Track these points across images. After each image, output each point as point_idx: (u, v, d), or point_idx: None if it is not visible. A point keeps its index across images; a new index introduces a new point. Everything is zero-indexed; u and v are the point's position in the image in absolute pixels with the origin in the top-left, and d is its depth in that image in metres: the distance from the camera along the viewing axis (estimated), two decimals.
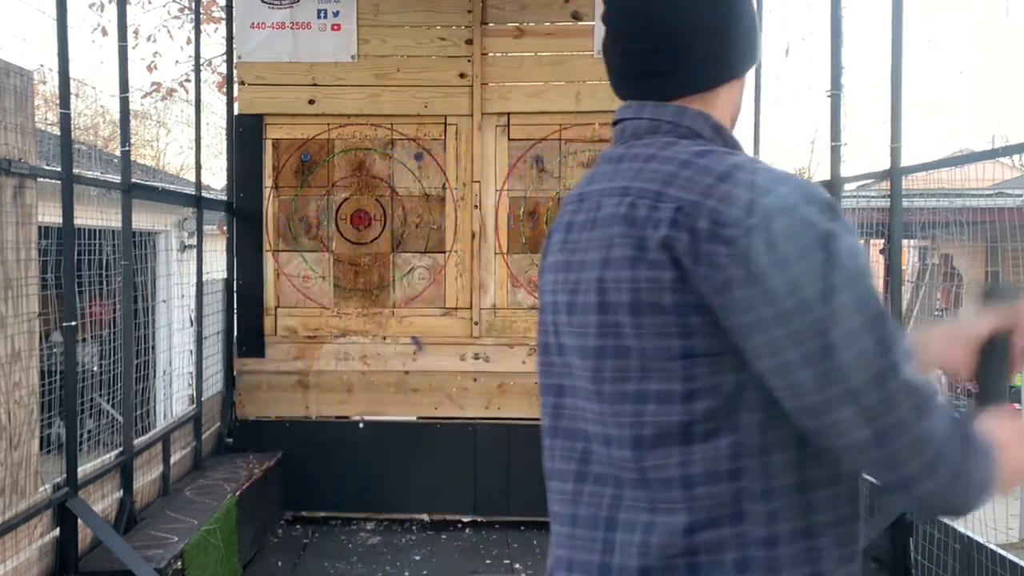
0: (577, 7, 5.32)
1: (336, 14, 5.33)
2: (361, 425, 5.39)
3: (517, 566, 4.66)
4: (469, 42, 5.33)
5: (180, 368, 7.21)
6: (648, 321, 1.10)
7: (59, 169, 3.46)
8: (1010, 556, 2.77)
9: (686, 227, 1.08)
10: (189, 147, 22.00)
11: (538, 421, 1.33)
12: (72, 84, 3.51)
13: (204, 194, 5.12)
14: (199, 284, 4.96)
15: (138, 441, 4.11)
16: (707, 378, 1.09)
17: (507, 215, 5.39)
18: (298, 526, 5.27)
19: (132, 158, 4.22)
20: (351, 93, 5.36)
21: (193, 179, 5.20)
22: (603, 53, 1.35)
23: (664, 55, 1.24)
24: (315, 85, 5.36)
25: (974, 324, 1.29)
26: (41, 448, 3.34)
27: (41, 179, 3.36)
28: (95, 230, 4.62)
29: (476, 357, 5.37)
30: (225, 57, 5.80)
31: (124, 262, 3.97)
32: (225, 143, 5.62)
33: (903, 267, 5.69)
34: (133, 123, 5.78)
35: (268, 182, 5.41)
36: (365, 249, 5.42)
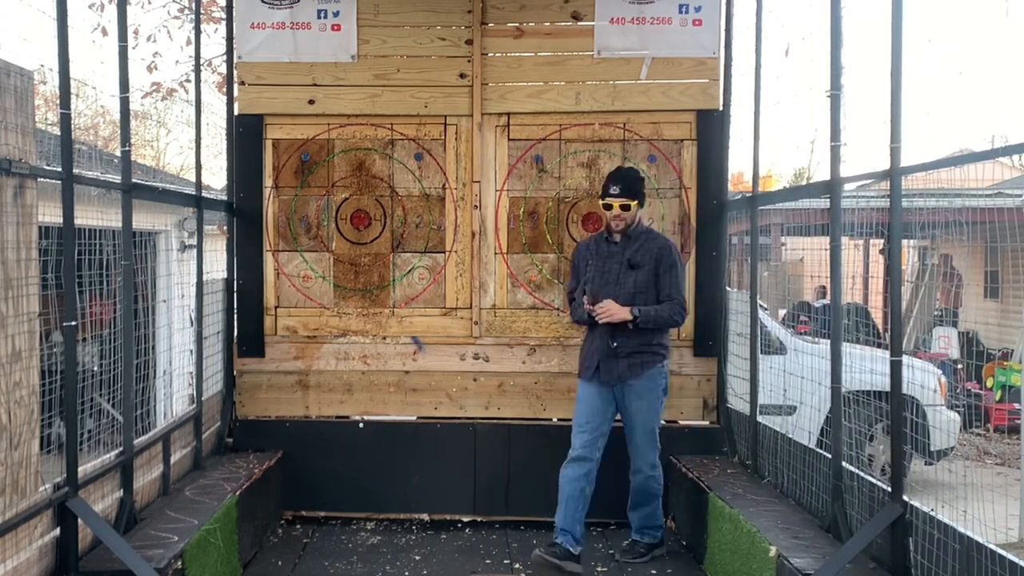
0: (577, 7, 5.32)
1: (336, 14, 5.33)
2: (361, 425, 5.40)
3: (517, 566, 4.66)
4: (469, 42, 5.33)
5: (180, 368, 7.22)
6: None
7: (59, 169, 3.45)
8: (1010, 556, 2.76)
9: None
10: (189, 147, 22.05)
11: (537, 421, 1.37)
12: (72, 84, 3.50)
13: (204, 194, 5.11)
14: (199, 284, 4.96)
15: (138, 441, 4.11)
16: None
17: (507, 215, 5.39)
18: (298, 526, 5.28)
19: (132, 158, 4.22)
20: (351, 93, 5.37)
21: (193, 179, 5.20)
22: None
23: None
24: (315, 85, 5.36)
25: None
26: (41, 448, 3.33)
27: (41, 179, 3.36)
28: (95, 230, 4.62)
29: (476, 357, 5.38)
30: (225, 57, 5.80)
31: (124, 262, 3.97)
32: (225, 143, 5.62)
33: (903, 267, 5.70)
34: (133, 123, 5.78)
35: (268, 182, 5.41)
36: (365, 249, 5.42)
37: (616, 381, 4.52)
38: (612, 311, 4.43)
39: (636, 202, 4.54)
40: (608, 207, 4.55)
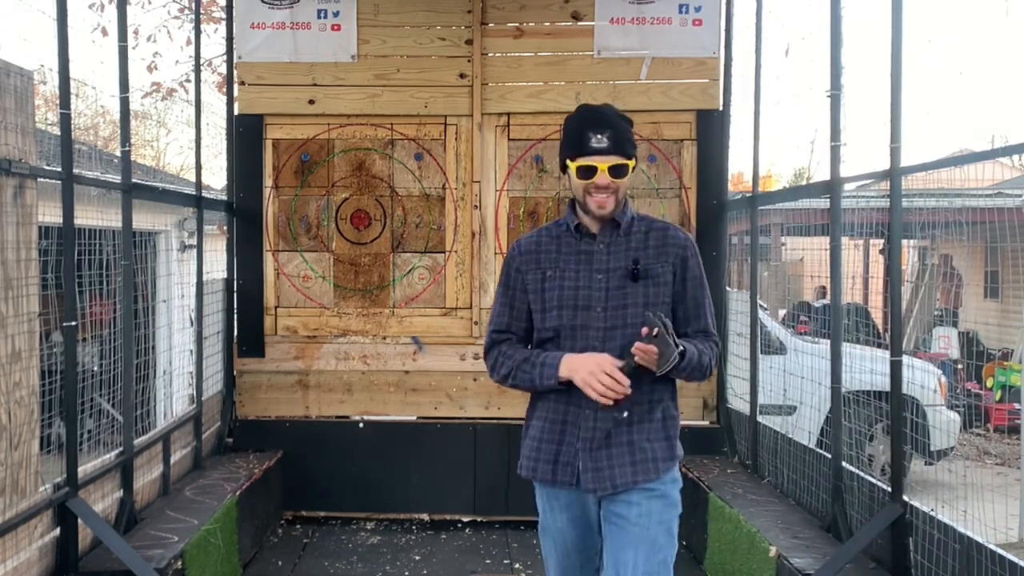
0: (577, 7, 5.32)
1: (336, 14, 5.33)
2: (361, 425, 5.40)
3: (517, 566, 4.66)
4: (469, 42, 5.33)
5: (180, 368, 7.21)
6: None
7: (59, 169, 3.46)
8: (1010, 556, 2.77)
9: None
10: (189, 147, 22.07)
11: None
12: (72, 84, 3.50)
13: (204, 194, 5.12)
14: (199, 284, 4.96)
15: (138, 441, 4.11)
16: None
17: (507, 215, 5.39)
18: (298, 526, 5.28)
19: (132, 158, 4.22)
20: (351, 93, 5.36)
21: (193, 179, 5.20)
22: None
23: None
24: (315, 85, 5.36)
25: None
26: (41, 448, 3.33)
27: (41, 179, 3.36)
28: (95, 230, 4.62)
29: (476, 357, 5.37)
30: (225, 57, 5.80)
31: (124, 262, 3.97)
32: (225, 143, 5.62)
33: (903, 267, 5.70)
34: (133, 123, 5.78)
35: (268, 182, 5.41)
36: (365, 249, 5.42)
37: (610, 488, 2.56)
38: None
39: (632, 163, 2.64)
40: (587, 172, 2.59)
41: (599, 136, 2.58)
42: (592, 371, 2.45)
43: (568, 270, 2.65)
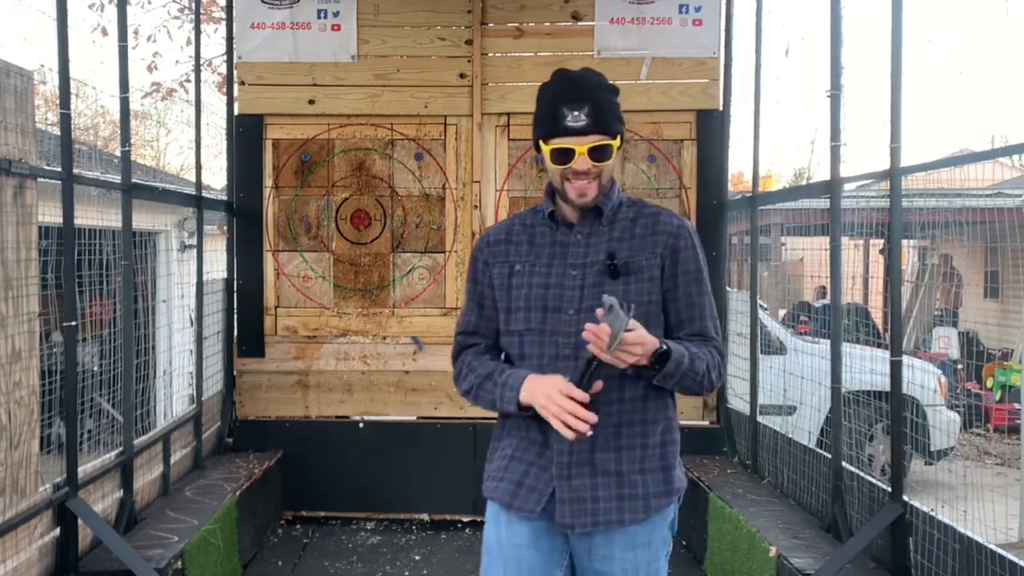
0: (577, 7, 5.32)
1: (336, 14, 5.33)
2: (361, 425, 5.40)
3: None
4: (469, 42, 5.33)
5: (180, 368, 7.21)
6: None
7: (59, 169, 3.46)
8: (1010, 556, 2.77)
9: None
10: (189, 147, 22.08)
11: None
12: (72, 84, 3.50)
13: (204, 194, 5.11)
14: (199, 284, 4.96)
15: (138, 441, 4.11)
16: None
17: (507, 215, 5.38)
18: (298, 526, 5.28)
19: (132, 158, 4.22)
20: (351, 93, 5.36)
21: (193, 179, 5.20)
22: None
23: None
24: (315, 85, 5.36)
25: None
26: (41, 448, 3.33)
27: (41, 179, 3.36)
28: (95, 230, 4.62)
29: None
30: (225, 57, 5.80)
31: (124, 262, 3.97)
32: (225, 143, 5.62)
33: (903, 267, 5.70)
34: (133, 123, 5.78)
35: (268, 182, 5.41)
36: (365, 249, 5.42)
37: (590, 524, 2.16)
38: (646, 344, 2.02)
39: (617, 143, 2.23)
40: (563, 155, 2.17)
41: (575, 112, 2.16)
42: (549, 394, 2.03)
43: (540, 265, 2.24)
